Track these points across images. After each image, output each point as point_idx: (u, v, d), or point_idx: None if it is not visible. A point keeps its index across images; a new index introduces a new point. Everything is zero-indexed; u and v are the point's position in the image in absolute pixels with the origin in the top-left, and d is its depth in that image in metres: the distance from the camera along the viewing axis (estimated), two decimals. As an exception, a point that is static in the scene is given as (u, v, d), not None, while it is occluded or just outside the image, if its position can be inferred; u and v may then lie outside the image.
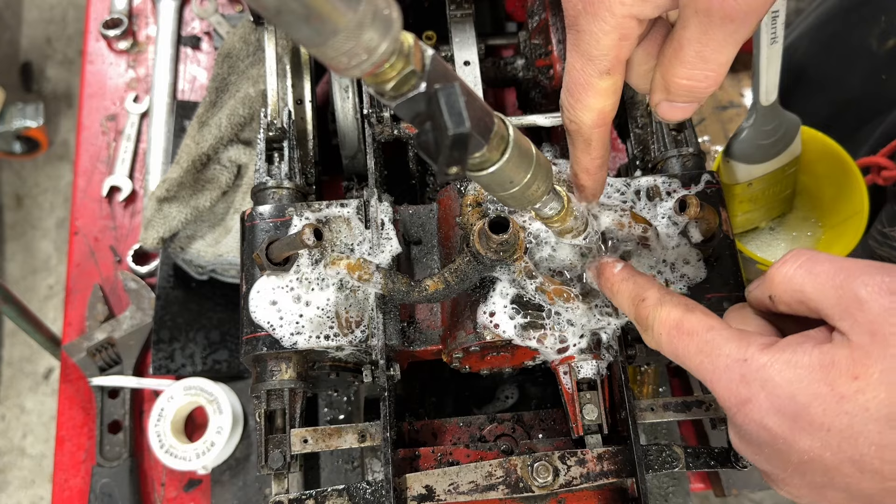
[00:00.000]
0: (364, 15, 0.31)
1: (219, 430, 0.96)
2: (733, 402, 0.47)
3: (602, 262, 0.62)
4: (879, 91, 0.95)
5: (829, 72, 1.15)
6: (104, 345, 1.05)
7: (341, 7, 0.30)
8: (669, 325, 0.52)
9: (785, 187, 0.94)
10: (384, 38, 0.33)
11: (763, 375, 0.45)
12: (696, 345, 0.50)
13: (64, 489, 1.01)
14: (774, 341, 0.47)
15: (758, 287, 0.53)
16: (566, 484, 0.63)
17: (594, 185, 0.60)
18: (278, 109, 0.82)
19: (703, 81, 0.48)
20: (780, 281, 0.49)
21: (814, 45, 1.16)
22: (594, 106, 0.52)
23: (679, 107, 0.51)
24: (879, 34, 1.07)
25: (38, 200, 2.41)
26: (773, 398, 0.45)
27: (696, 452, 0.66)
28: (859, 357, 0.42)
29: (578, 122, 0.54)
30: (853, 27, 1.10)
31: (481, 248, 0.60)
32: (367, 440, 0.66)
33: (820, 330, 0.47)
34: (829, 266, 0.46)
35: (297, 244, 0.62)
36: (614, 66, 0.50)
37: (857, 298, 0.43)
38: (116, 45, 1.29)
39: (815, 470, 0.45)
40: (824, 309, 0.46)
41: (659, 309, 0.53)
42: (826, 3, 1.16)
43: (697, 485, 1.00)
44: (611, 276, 0.60)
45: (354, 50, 0.32)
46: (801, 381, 0.44)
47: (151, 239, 0.98)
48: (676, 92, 0.49)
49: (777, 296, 0.50)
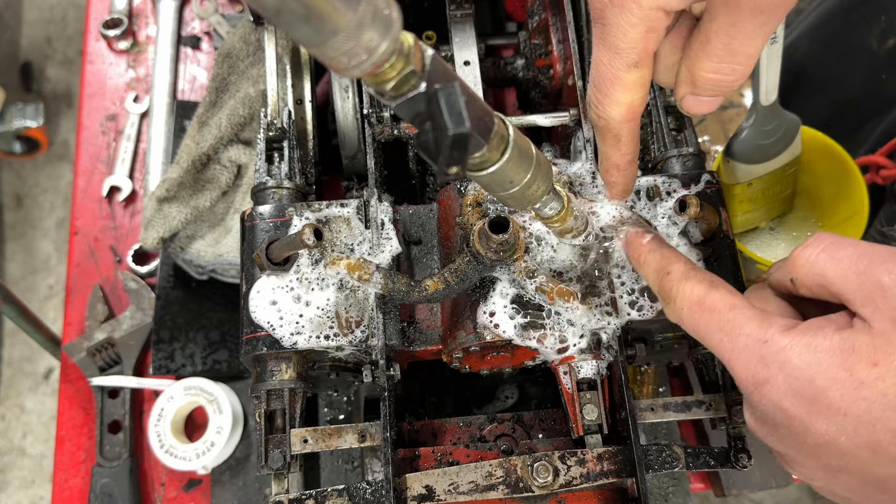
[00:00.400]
0: (364, 15, 0.31)
1: (219, 430, 0.96)
2: (751, 382, 0.47)
3: (632, 233, 0.62)
4: (879, 91, 0.95)
5: (829, 72, 1.15)
6: (104, 345, 1.05)
7: (341, 7, 0.30)
8: (692, 300, 0.51)
9: (785, 187, 0.94)
10: (384, 38, 0.33)
11: (782, 357, 0.45)
12: (717, 322, 0.49)
13: (64, 489, 1.01)
14: (795, 324, 0.47)
15: (779, 269, 0.52)
16: (566, 484, 0.63)
17: (625, 182, 0.60)
18: (278, 109, 0.82)
19: (731, 75, 0.48)
20: (803, 264, 0.48)
21: (814, 44, 1.16)
22: (623, 100, 0.52)
23: (704, 101, 0.51)
24: (879, 34, 1.07)
25: (38, 200, 2.41)
26: (792, 380, 0.45)
27: (696, 452, 0.66)
28: (880, 344, 0.42)
29: (607, 118, 0.53)
30: (853, 27, 1.10)
31: (481, 248, 0.60)
32: (367, 440, 0.66)
33: (841, 315, 0.46)
34: (852, 251, 0.46)
35: (297, 244, 0.62)
36: (642, 59, 0.50)
37: (881, 285, 0.43)
38: (116, 45, 1.29)
39: (831, 453, 0.45)
40: (846, 294, 0.46)
41: (683, 283, 0.52)
42: (826, 3, 1.16)
43: (697, 485, 1.00)
44: (639, 247, 0.60)
45: (354, 50, 0.32)
46: (820, 365, 0.44)
47: (151, 239, 0.98)
48: (703, 86, 0.49)
49: (799, 279, 0.49)
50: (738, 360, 0.48)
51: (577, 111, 0.79)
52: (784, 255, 0.96)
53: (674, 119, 0.79)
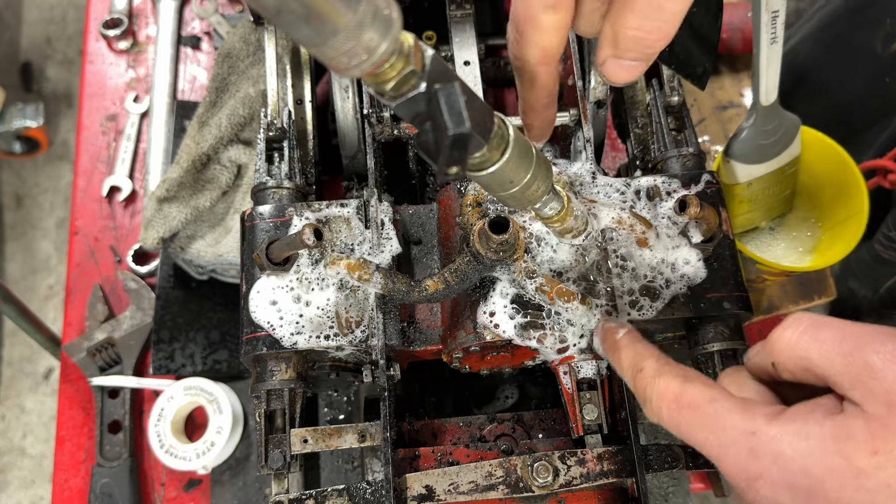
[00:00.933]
0: (364, 15, 0.31)
1: (219, 430, 0.96)
2: (743, 479, 0.44)
3: (607, 327, 0.60)
4: (884, 94, 0.94)
5: (832, 75, 1.14)
6: (104, 345, 1.05)
7: (341, 7, 0.30)
8: (669, 398, 0.48)
9: (785, 187, 0.93)
10: (384, 38, 0.33)
11: (774, 448, 0.42)
12: (699, 419, 0.46)
13: (64, 489, 1.01)
14: (781, 410, 0.44)
15: (758, 354, 0.50)
16: (566, 484, 0.63)
17: (542, 125, 0.57)
18: (278, 109, 0.82)
19: (654, 34, 0.46)
20: (783, 348, 0.46)
21: (817, 47, 1.16)
22: (538, 43, 0.50)
23: (626, 65, 0.49)
24: (884, 37, 1.06)
25: (38, 200, 2.41)
26: (786, 473, 0.42)
27: (696, 452, 0.66)
28: (877, 429, 0.40)
29: (522, 59, 0.51)
30: (857, 29, 1.09)
31: (481, 248, 0.60)
32: (367, 440, 0.66)
33: (828, 398, 0.44)
34: (834, 332, 0.43)
35: (297, 244, 0.62)
36: (559, 2, 0.47)
37: (869, 366, 0.41)
38: (116, 45, 1.29)
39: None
40: (832, 377, 0.43)
41: (657, 380, 0.49)
42: (829, 6, 1.16)
43: (697, 485, 1.00)
44: (613, 343, 0.58)
45: (354, 50, 0.32)
46: (813, 454, 0.41)
47: (151, 239, 0.98)
48: (625, 45, 0.47)
49: (780, 363, 0.46)
50: (727, 457, 0.45)
51: (577, 111, 0.79)
52: (784, 256, 0.97)
53: (674, 119, 0.79)
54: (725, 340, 0.68)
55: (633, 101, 0.84)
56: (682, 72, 0.77)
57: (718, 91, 1.25)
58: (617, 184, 0.72)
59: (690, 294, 0.67)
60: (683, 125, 0.77)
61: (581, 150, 0.76)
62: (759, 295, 1.02)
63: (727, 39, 1.20)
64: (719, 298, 0.67)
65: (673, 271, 0.67)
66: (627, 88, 0.85)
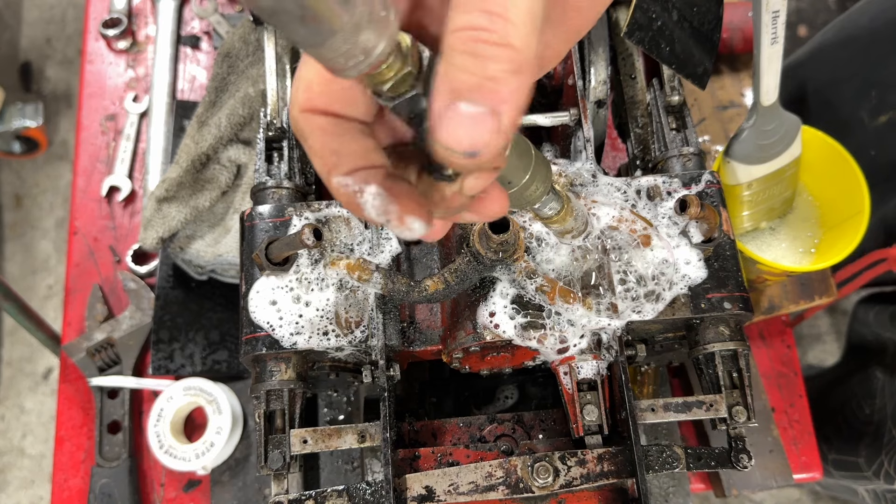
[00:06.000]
0: (361, 16, 0.31)
1: (218, 430, 0.96)
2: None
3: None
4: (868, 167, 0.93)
5: None
6: (104, 345, 1.05)
7: (338, 8, 0.30)
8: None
9: (785, 188, 0.93)
10: (381, 39, 0.33)
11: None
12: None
13: (63, 489, 1.01)
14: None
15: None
16: (566, 484, 0.63)
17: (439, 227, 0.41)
18: (278, 109, 0.82)
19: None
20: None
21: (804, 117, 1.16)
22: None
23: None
24: (870, 109, 1.06)
25: (38, 200, 2.41)
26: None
27: (696, 453, 0.66)
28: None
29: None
30: (844, 100, 1.09)
31: (481, 248, 0.60)
32: (366, 440, 0.66)
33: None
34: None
35: (296, 244, 0.62)
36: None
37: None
38: (116, 44, 1.29)
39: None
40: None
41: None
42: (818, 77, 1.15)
43: (698, 485, 1.00)
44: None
45: (352, 51, 0.32)
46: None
47: (151, 239, 0.98)
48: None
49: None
50: None
51: (577, 111, 0.79)
52: (784, 256, 0.96)
53: (674, 119, 0.78)
54: (725, 341, 0.68)
55: (633, 101, 0.84)
56: (683, 71, 0.77)
57: (719, 91, 1.25)
58: (617, 183, 0.71)
59: (691, 294, 0.67)
60: (684, 125, 0.77)
61: (581, 149, 0.76)
62: (760, 295, 1.02)
63: (727, 39, 1.20)
64: (720, 298, 0.67)
65: (674, 271, 0.67)
66: (628, 88, 0.85)
